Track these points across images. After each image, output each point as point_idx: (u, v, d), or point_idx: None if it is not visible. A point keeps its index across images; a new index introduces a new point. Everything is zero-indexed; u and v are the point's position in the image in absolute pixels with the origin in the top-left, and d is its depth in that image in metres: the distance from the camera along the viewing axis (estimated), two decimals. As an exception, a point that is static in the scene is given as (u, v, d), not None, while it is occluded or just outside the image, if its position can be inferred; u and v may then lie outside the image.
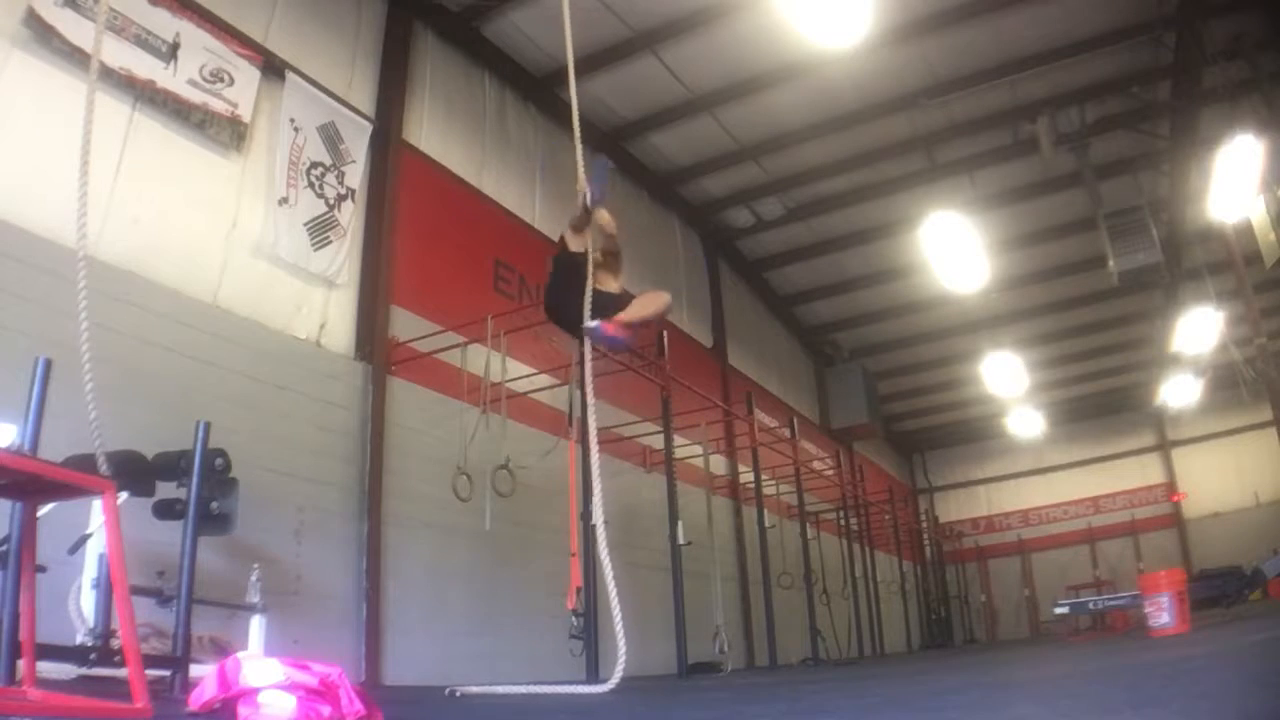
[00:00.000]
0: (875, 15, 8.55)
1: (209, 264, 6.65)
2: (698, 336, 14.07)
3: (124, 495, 4.07)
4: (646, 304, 5.04)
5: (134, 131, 6.23)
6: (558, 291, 5.01)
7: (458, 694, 4.68)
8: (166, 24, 6.49)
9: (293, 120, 7.48)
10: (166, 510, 4.60)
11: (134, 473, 4.33)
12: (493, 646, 7.94)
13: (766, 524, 10.98)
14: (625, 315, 4.84)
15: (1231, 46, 10.21)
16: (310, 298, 7.44)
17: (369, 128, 8.21)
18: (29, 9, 5.57)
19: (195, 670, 4.02)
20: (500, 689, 4.89)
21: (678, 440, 9.37)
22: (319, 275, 7.47)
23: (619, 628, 4.36)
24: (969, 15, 10.00)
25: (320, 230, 7.53)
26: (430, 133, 9.09)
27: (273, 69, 7.39)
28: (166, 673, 4.10)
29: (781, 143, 12.29)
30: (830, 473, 15.43)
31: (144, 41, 6.31)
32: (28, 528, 2.87)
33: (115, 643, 3.97)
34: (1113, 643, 9.47)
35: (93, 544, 4.26)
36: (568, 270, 4.90)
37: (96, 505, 4.00)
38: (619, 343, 5.07)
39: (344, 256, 7.70)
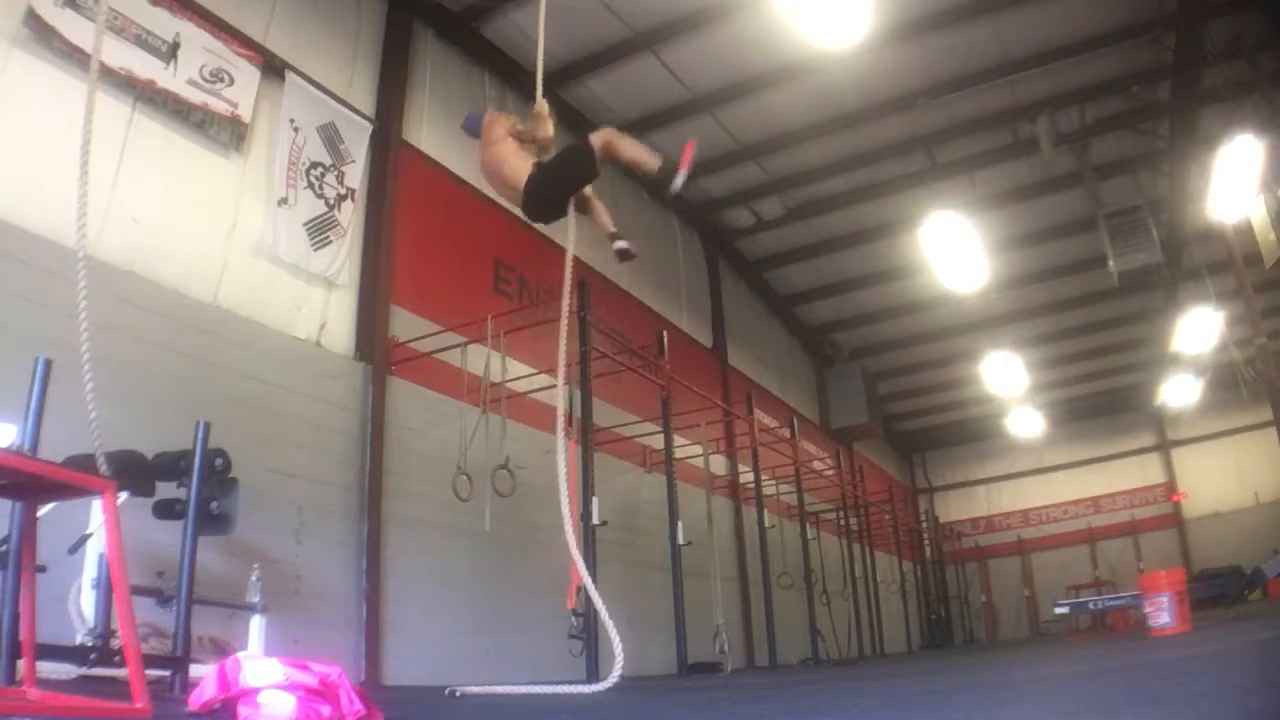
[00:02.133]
0: (875, 15, 8.55)
1: (209, 264, 6.64)
2: (698, 336, 14.07)
3: (124, 495, 4.07)
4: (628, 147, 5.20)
5: (134, 131, 6.23)
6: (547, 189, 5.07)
7: (458, 694, 4.67)
8: (166, 24, 6.49)
9: (292, 120, 7.48)
10: (166, 510, 4.59)
11: (134, 473, 4.32)
12: (493, 646, 7.94)
13: (766, 524, 10.98)
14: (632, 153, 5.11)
15: (1231, 46, 10.20)
16: (310, 298, 7.44)
17: (369, 128, 8.21)
18: (29, 9, 5.57)
19: (195, 670, 4.02)
20: (500, 689, 4.89)
21: (678, 440, 9.36)
22: (319, 275, 7.47)
23: (610, 628, 4.36)
24: (969, 15, 10.00)
25: (320, 230, 7.52)
26: (430, 133, 9.09)
27: (273, 69, 7.39)
28: (166, 673, 4.10)
29: (781, 143, 12.29)
30: (830, 473, 15.44)
31: (144, 41, 6.31)
32: (28, 528, 2.87)
33: (115, 643, 3.97)
34: (1113, 643, 9.47)
35: (93, 544, 4.25)
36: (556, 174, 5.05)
37: (96, 505, 3.99)
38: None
39: (344, 256, 7.70)
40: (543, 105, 5.41)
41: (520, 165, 5.07)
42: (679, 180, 5.06)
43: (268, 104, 7.33)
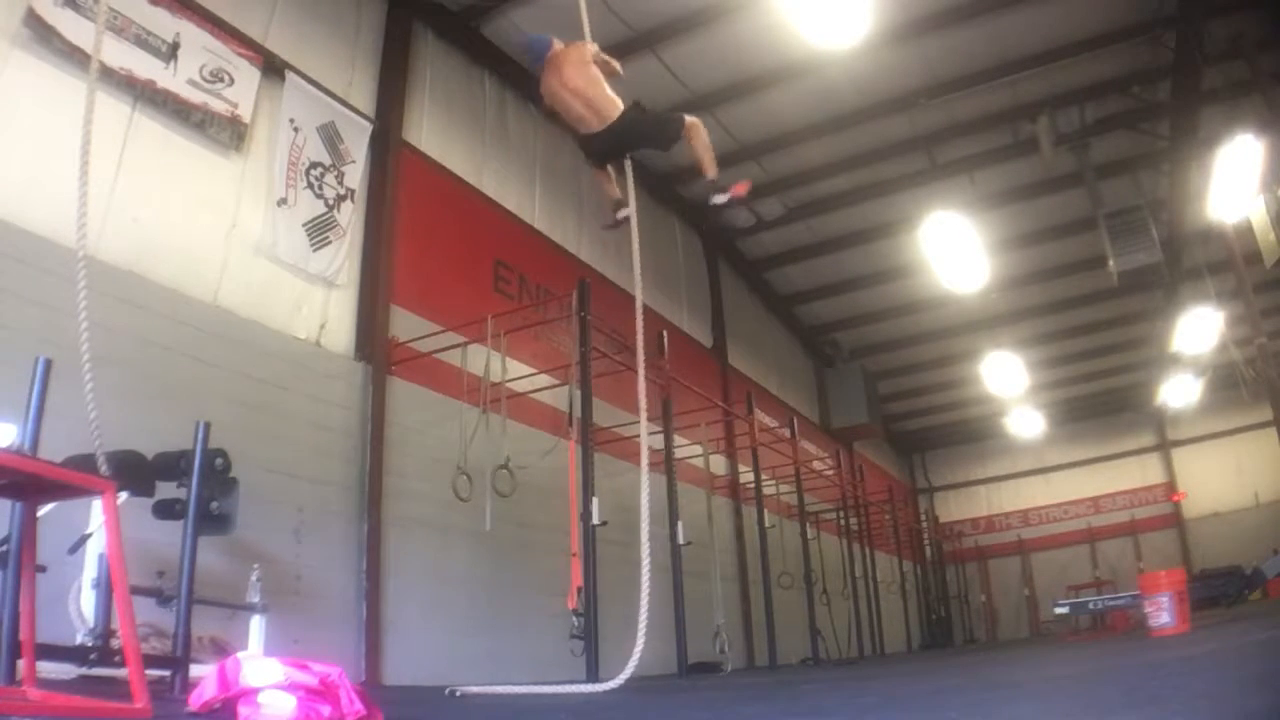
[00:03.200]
0: (875, 15, 8.56)
1: (209, 264, 6.64)
2: (698, 336, 14.07)
3: (124, 495, 4.07)
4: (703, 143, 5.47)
5: (134, 131, 6.22)
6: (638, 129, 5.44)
7: (458, 694, 4.68)
8: (166, 24, 6.48)
9: (292, 120, 7.48)
10: (166, 510, 4.59)
11: (134, 473, 4.32)
12: (493, 646, 7.94)
13: (766, 524, 10.98)
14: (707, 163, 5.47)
15: (1231, 46, 10.20)
16: (310, 298, 7.44)
17: (369, 128, 8.21)
18: (29, 9, 5.56)
19: (195, 670, 4.02)
20: (500, 689, 4.89)
21: (678, 440, 9.36)
22: (318, 275, 7.47)
23: (642, 625, 4.37)
24: (969, 15, 10.00)
25: (319, 231, 7.52)
26: (430, 133, 9.09)
27: (273, 69, 7.38)
28: (166, 673, 4.10)
29: (781, 143, 12.29)
30: (830, 473, 15.43)
31: (144, 41, 6.31)
32: (28, 528, 2.87)
33: (115, 643, 3.97)
34: (1113, 643, 9.47)
35: (93, 544, 4.25)
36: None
37: (96, 505, 4.00)
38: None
39: (343, 257, 7.69)
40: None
41: (612, 97, 5.34)
42: (722, 198, 5.54)
43: (268, 104, 7.33)
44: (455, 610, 7.88)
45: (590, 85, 5.34)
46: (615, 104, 5.31)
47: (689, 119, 5.45)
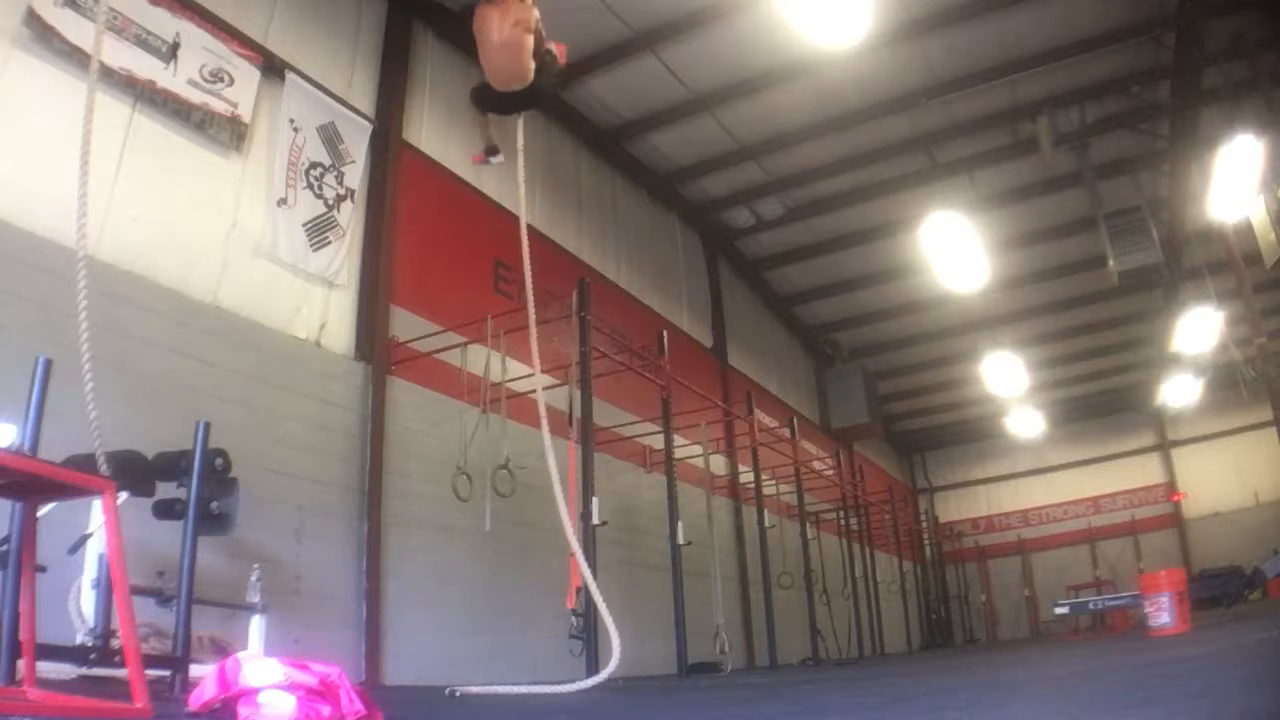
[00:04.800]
0: (875, 15, 8.56)
1: (209, 264, 6.64)
2: (698, 336, 14.07)
3: (124, 495, 4.07)
4: None
5: (134, 131, 6.22)
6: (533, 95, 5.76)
7: (458, 694, 4.68)
8: (166, 24, 6.48)
9: (292, 120, 7.47)
10: (166, 510, 4.59)
11: (134, 473, 4.32)
12: (493, 646, 7.94)
13: (766, 524, 10.98)
14: None
15: (1231, 46, 10.21)
16: (310, 298, 7.43)
17: (369, 128, 8.20)
18: (29, 9, 5.56)
19: (195, 670, 4.02)
20: (500, 689, 4.89)
21: (678, 440, 9.36)
22: (318, 275, 7.47)
23: (610, 623, 4.36)
24: (969, 15, 10.00)
25: (319, 231, 7.52)
26: (430, 133, 9.09)
27: (273, 69, 7.38)
28: (166, 673, 4.10)
29: (781, 143, 12.29)
30: (830, 473, 15.44)
31: (144, 41, 6.31)
32: (28, 528, 2.87)
33: (115, 643, 3.96)
34: (1113, 643, 9.47)
35: (93, 544, 4.25)
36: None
37: (96, 505, 3.99)
38: None
39: (343, 257, 7.69)
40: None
41: (529, 68, 5.55)
42: (491, 160, 6.37)
43: (268, 104, 7.33)
44: (455, 610, 7.87)
45: (522, 46, 5.54)
46: (527, 78, 5.55)
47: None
